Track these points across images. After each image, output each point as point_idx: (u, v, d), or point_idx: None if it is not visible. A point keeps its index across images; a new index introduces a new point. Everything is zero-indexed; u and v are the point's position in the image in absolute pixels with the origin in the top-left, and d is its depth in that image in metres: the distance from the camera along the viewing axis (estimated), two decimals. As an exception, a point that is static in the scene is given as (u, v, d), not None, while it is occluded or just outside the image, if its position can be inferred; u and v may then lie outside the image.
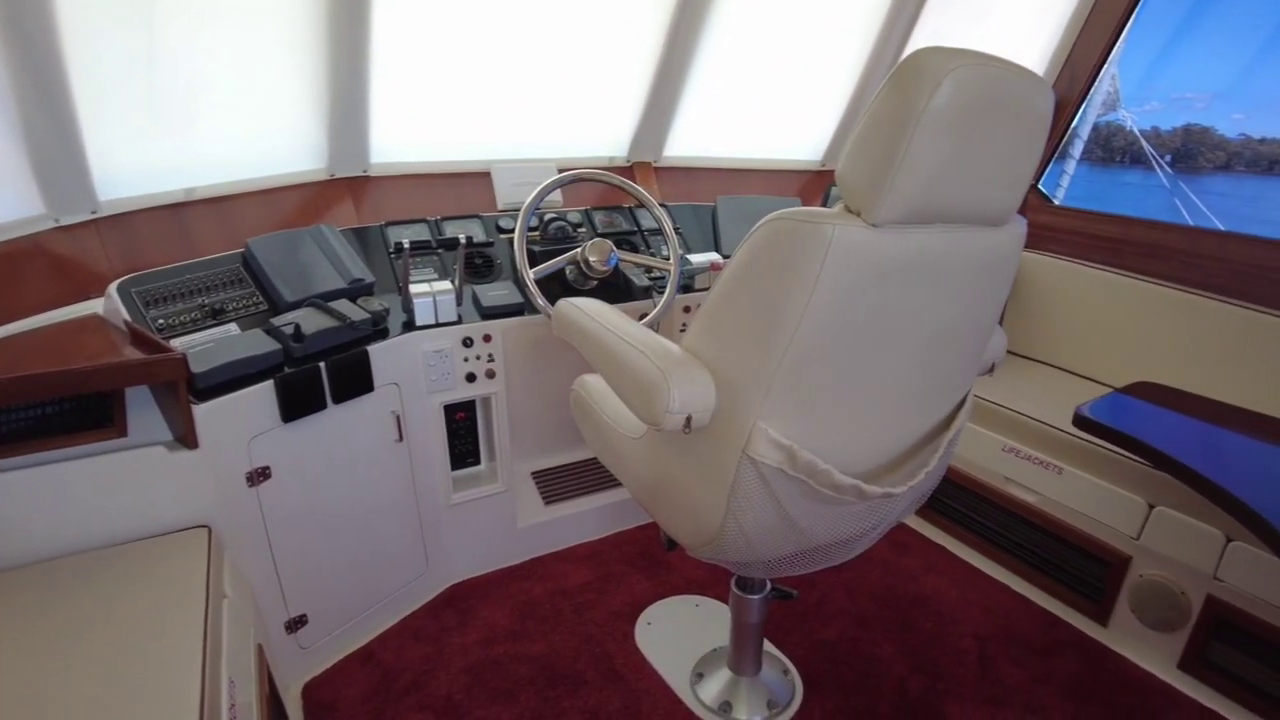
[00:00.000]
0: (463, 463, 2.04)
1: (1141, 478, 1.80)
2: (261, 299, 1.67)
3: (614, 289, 2.09)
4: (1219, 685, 1.72)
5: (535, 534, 2.13)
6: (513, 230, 1.98)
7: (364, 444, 1.71)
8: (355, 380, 1.64)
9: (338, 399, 1.61)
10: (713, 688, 1.68)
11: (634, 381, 1.10)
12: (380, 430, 1.74)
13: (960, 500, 2.27)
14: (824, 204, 2.29)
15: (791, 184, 2.80)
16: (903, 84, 0.89)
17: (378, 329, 1.72)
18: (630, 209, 2.33)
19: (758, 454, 1.04)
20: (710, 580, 2.06)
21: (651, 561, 2.13)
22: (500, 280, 2.03)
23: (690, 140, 2.52)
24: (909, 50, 2.01)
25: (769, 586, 1.59)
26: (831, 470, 1.07)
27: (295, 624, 1.65)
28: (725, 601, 1.85)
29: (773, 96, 2.55)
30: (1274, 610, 1.61)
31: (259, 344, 1.49)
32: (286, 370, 1.51)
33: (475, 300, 1.92)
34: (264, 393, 1.48)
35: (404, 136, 2.09)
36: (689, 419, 1.05)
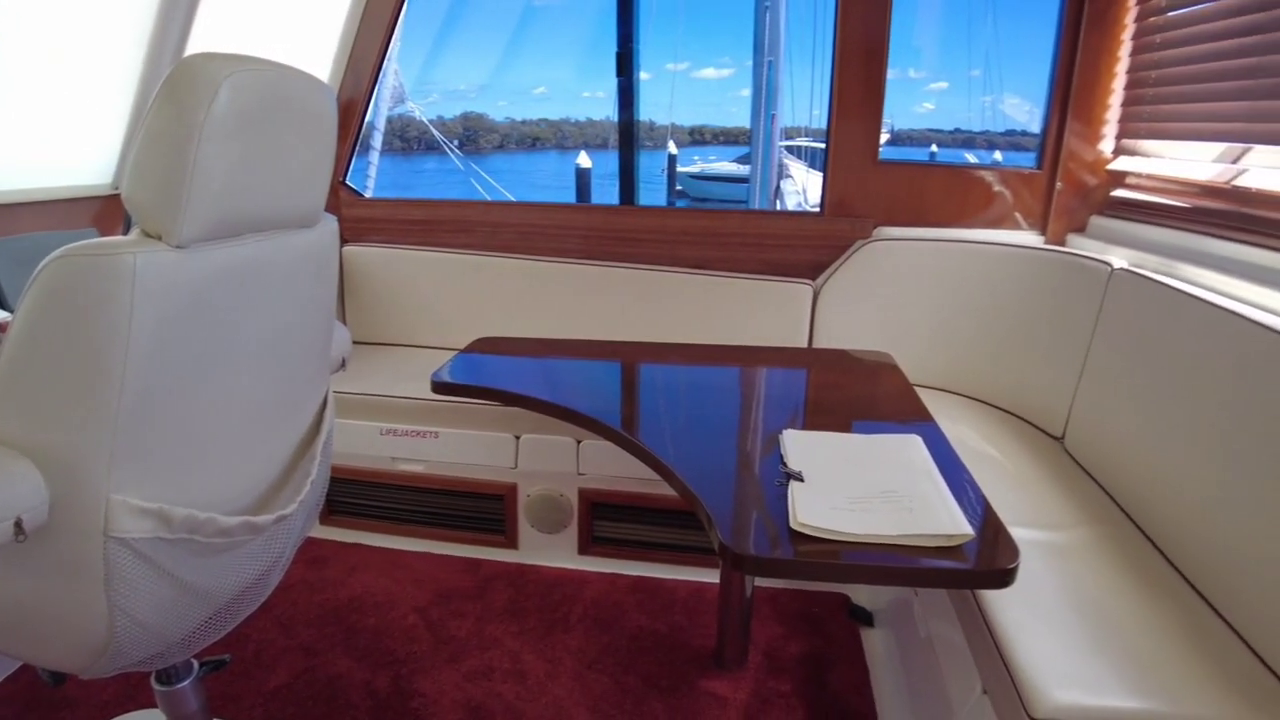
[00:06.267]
0: None
1: (503, 416, 2.11)
2: None
3: None
4: (609, 553, 2.19)
5: None
6: None
7: None
8: None
9: None
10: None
11: None
12: None
13: (360, 495, 2.33)
14: (126, 231, 2.00)
15: (84, 214, 2.37)
16: (177, 94, 0.84)
17: None
18: None
19: (123, 531, 0.89)
20: (127, 692, 1.72)
21: (44, 707, 1.68)
22: None
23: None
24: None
25: (195, 665, 1.40)
26: (215, 516, 0.98)
27: None
28: (155, 705, 1.57)
29: (39, 113, 2.08)
30: (620, 480, 2.10)
31: None
32: None
33: None
34: None
35: None
36: (18, 523, 0.84)
